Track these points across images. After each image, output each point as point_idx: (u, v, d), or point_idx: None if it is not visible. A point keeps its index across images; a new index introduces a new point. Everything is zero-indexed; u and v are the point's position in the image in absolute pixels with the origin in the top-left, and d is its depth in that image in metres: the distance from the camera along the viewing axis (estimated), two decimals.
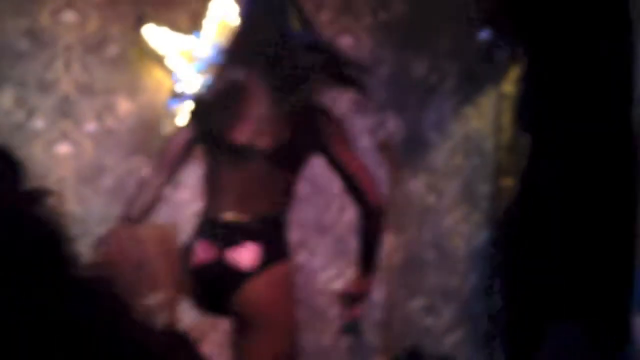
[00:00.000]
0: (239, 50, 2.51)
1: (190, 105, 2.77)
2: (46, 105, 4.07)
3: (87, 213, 4.02)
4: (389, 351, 4.32)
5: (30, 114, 4.05)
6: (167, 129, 4.10)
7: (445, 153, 4.53)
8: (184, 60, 4.11)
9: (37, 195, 0.63)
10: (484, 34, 4.33)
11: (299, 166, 2.65)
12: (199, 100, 2.63)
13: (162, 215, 4.17)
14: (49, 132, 4.03)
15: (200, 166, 2.67)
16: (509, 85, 4.44)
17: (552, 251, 1.96)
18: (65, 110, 4.09)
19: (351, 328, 3.64)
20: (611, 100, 1.93)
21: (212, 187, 2.58)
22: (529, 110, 2.07)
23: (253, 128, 2.47)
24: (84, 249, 0.75)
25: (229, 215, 2.48)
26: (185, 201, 4.20)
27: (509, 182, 4.41)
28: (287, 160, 2.55)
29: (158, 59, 4.12)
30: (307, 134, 2.54)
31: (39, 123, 4.03)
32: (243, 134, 2.47)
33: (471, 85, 4.53)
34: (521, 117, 2.08)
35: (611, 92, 1.93)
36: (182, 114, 4.10)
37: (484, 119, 4.55)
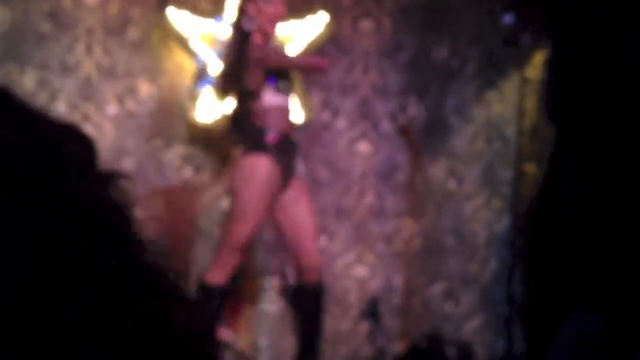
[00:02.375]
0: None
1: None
2: (68, 88, 4.08)
3: None
4: (409, 337, 4.32)
5: (53, 97, 4.06)
6: (188, 112, 4.10)
7: (467, 138, 4.50)
8: (205, 44, 4.11)
9: (111, 178, 0.62)
10: (508, 18, 4.29)
11: None
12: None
13: (182, 199, 4.19)
14: (71, 115, 4.05)
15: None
16: (533, 70, 4.39)
17: (575, 238, 1.95)
18: (87, 93, 4.11)
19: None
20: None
21: None
22: (554, 97, 2.04)
23: None
24: None
25: None
26: (206, 185, 4.22)
27: (531, 168, 4.37)
28: None
29: (180, 43, 4.11)
30: None
31: (61, 106, 4.05)
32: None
33: (494, 69, 4.49)
34: (546, 104, 2.05)
35: None
36: (206, 95, 4.10)
37: (507, 104, 4.51)
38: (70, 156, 0.60)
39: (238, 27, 3.40)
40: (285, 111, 3.41)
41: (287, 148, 3.39)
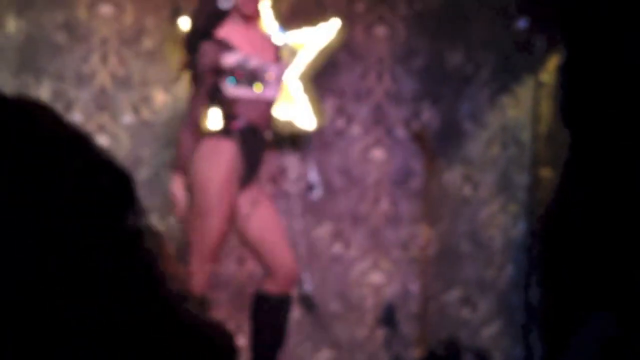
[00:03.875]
0: None
1: None
2: (83, 98, 4.11)
3: None
4: (425, 343, 4.30)
5: (68, 107, 4.09)
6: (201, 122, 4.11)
7: (482, 143, 4.48)
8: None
9: (142, 214, 0.64)
10: (521, 23, 4.28)
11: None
12: None
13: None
14: (86, 124, 4.07)
15: None
16: (547, 74, 4.38)
17: (591, 242, 1.93)
18: (102, 103, 4.13)
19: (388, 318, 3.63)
20: None
21: None
22: (569, 101, 2.03)
23: None
24: None
25: None
26: None
27: (546, 173, 4.35)
28: None
29: None
30: None
31: (76, 116, 4.07)
32: None
33: (508, 74, 4.48)
34: (561, 108, 2.05)
35: None
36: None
37: (521, 109, 4.50)
38: (106, 191, 0.62)
39: (212, 2, 3.19)
40: (257, 103, 3.16)
41: (254, 142, 3.14)
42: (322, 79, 4.25)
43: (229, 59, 3.14)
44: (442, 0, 4.42)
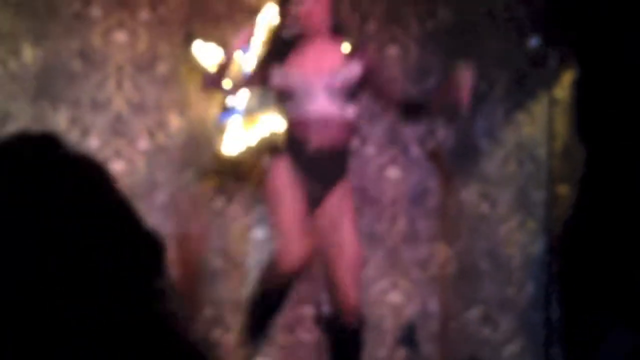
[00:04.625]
0: None
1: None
2: (100, 124, 4.14)
3: None
4: None
5: (85, 133, 4.12)
6: (217, 144, 4.13)
7: (498, 161, 4.47)
8: (232, 75, 4.14)
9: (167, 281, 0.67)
10: (534, 40, 4.28)
11: None
12: None
13: (214, 228, 4.21)
14: (103, 150, 4.10)
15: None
16: (562, 90, 4.36)
17: (610, 258, 1.92)
18: (118, 128, 4.16)
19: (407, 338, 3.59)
20: None
21: None
22: (584, 117, 2.02)
23: None
24: None
25: None
26: (237, 215, 4.23)
27: (564, 189, 4.33)
28: None
29: None
30: None
31: (93, 142, 4.10)
32: None
33: (522, 91, 4.47)
34: (576, 124, 2.04)
35: None
36: (232, 127, 4.12)
37: (537, 125, 4.48)
38: (140, 258, 0.65)
39: (278, 36, 3.26)
40: (302, 119, 3.11)
41: (319, 162, 3.08)
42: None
43: (275, 80, 3.16)
44: (454, 18, 4.43)
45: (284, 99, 3.17)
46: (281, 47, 3.20)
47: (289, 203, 3.10)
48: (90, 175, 0.66)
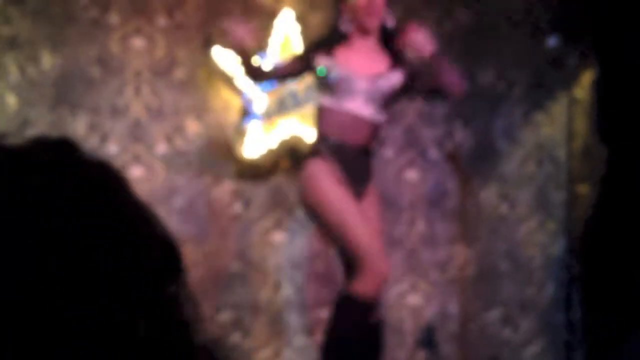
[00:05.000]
0: None
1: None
2: (118, 129, 4.16)
3: None
4: None
5: (104, 139, 4.15)
6: (236, 148, 4.15)
7: (517, 161, 4.45)
8: (250, 80, 4.16)
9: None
10: (552, 40, 4.26)
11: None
12: None
13: (233, 233, 4.22)
14: (122, 156, 4.12)
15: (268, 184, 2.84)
16: (581, 90, 4.34)
17: (631, 258, 1.90)
18: (136, 134, 4.18)
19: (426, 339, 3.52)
20: None
21: None
22: (604, 117, 2.01)
23: None
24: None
25: None
26: (255, 219, 4.24)
27: (583, 189, 4.30)
28: None
29: (225, 80, 4.17)
30: None
31: (112, 148, 4.13)
32: None
33: (541, 91, 4.45)
34: (596, 124, 2.03)
35: None
36: (252, 131, 4.14)
37: (556, 125, 4.46)
38: (155, 262, 0.66)
39: (337, 30, 3.16)
40: (345, 116, 3.08)
41: (352, 161, 3.06)
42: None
43: (319, 63, 3.12)
44: (472, 19, 4.41)
45: (323, 87, 3.13)
46: (332, 38, 3.16)
47: (352, 208, 2.97)
48: (106, 180, 0.66)
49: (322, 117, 3.12)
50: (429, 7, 4.39)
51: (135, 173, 4.14)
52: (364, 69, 3.14)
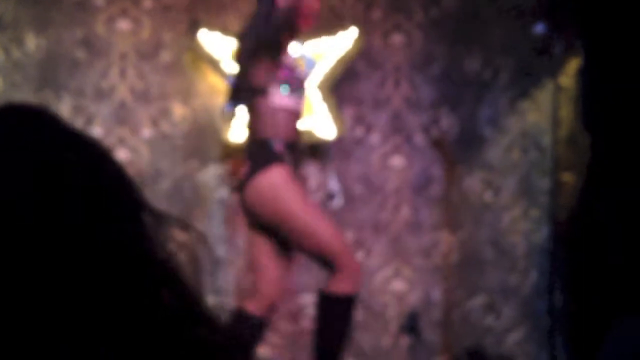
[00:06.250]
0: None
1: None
2: (103, 112, 4.14)
3: None
4: (449, 351, 4.28)
5: (89, 121, 4.12)
6: (222, 132, 4.13)
7: (502, 149, 4.46)
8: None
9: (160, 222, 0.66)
10: (539, 27, 4.26)
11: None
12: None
13: (218, 216, 4.22)
14: (106, 139, 4.10)
15: None
16: (567, 78, 4.35)
17: (614, 245, 1.92)
18: (121, 116, 4.16)
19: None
20: None
21: None
22: (589, 105, 2.02)
23: None
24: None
25: None
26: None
27: (568, 177, 4.32)
28: None
29: (211, 64, 4.15)
30: None
31: (97, 130, 4.10)
32: None
33: (527, 79, 4.46)
34: (581, 112, 2.03)
35: None
36: (238, 114, 4.12)
37: (541, 113, 4.47)
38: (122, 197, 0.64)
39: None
40: (294, 114, 3.04)
41: (293, 157, 3.02)
42: (340, 88, 4.26)
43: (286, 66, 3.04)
44: (458, 6, 4.41)
45: (258, 91, 3.02)
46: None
47: (317, 213, 2.98)
48: (92, 157, 0.65)
49: (272, 118, 2.99)
50: None
51: (120, 156, 4.12)
52: (300, 65, 3.15)
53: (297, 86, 3.06)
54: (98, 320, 0.55)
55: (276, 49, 2.98)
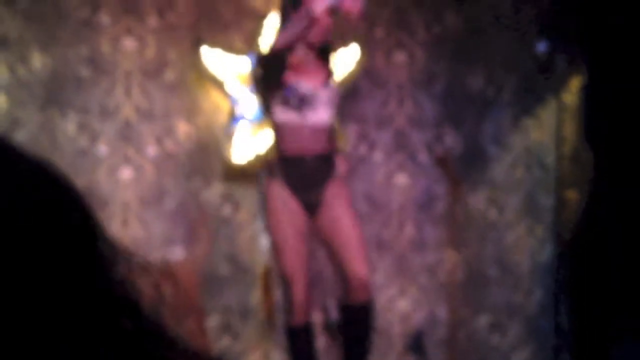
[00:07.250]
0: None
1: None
2: (108, 130, 4.15)
3: (149, 236, 4.08)
4: None
5: (94, 139, 4.13)
6: (225, 151, 4.14)
7: (506, 166, 4.46)
8: (240, 82, 4.15)
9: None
10: (541, 45, 4.27)
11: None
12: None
13: (221, 236, 4.21)
14: (111, 157, 4.11)
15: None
16: (570, 95, 4.36)
17: (619, 263, 1.91)
18: (126, 135, 4.17)
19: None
20: None
21: None
22: (592, 122, 2.02)
23: None
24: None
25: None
26: (244, 222, 4.23)
27: (572, 194, 4.31)
28: None
29: (215, 82, 4.17)
30: None
31: (102, 149, 4.11)
32: None
33: (530, 96, 4.46)
34: (584, 129, 2.03)
35: None
36: (240, 135, 4.13)
37: (545, 131, 4.47)
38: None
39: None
40: (304, 129, 3.13)
41: (305, 169, 3.12)
42: (344, 106, 4.27)
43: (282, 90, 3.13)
44: (461, 23, 4.43)
45: (277, 110, 3.14)
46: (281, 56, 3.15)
47: (287, 229, 3.14)
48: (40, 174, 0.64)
49: (282, 134, 3.14)
50: (418, 10, 4.41)
51: (125, 175, 4.12)
52: (317, 79, 3.20)
53: (301, 102, 3.12)
54: (59, 350, 0.55)
55: (272, 83, 3.14)
